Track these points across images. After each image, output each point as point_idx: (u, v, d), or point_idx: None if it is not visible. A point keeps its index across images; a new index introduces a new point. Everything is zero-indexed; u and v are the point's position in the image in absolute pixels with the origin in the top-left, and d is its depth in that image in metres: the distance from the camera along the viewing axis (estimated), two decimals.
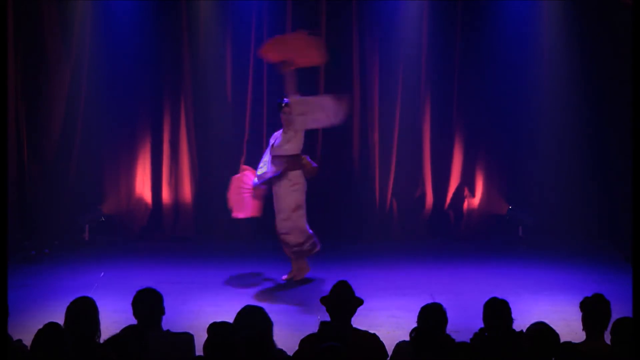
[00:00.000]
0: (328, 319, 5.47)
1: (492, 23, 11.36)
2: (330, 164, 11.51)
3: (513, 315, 5.30)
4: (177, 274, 9.60)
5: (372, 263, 10.24)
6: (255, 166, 9.51)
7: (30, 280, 9.31)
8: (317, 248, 9.32)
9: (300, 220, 9.12)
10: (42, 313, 7.61)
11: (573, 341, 5.24)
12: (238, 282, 9.13)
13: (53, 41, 10.92)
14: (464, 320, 6.73)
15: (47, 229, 10.92)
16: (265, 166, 9.20)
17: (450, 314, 5.28)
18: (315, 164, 9.28)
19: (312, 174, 9.22)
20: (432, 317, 5.19)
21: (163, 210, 11.51)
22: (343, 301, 5.49)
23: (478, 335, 5.21)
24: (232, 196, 9.45)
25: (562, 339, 5.03)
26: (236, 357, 4.67)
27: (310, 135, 11.46)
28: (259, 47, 11.31)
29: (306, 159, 9.18)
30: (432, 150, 11.64)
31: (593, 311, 5.27)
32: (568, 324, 7.09)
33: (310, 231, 9.24)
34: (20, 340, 5.18)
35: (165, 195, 11.51)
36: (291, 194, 9.06)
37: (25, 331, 5.84)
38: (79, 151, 11.22)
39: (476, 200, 11.62)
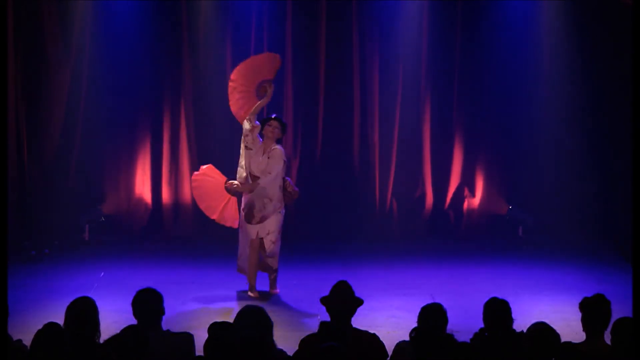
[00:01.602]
0: (328, 319, 5.47)
1: (492, 23, 11.36)
2: (330, 164, 11.52)
3: (513, 315, 5.30)
4: (177, 274, 9.60)
5: (372, 263, 10.24)
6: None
7: (30, 280, 9.31)
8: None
9: (280, 245, 8.72)
10: (42, 313, 7.61)
11: (573, 341, 5.25)
12: (238, 282, 9.13)
13: (53, 41, 10.92)
14: (464, 320, 6.74)
15: (47, 229, 10.92)
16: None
17: (450, 314, 5.28)
18: (296, 188, 8.83)
19: (293, 197, 8.77)
20: (432, 317, 5.19)
21: (163, 210, 11.51)
22: (343, 301, 5.49)
23: (478, 335, 5.21)
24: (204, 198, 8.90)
25: (562, 339, 5.04)
26: (236, 357, 4.66)
27: (310, 136, 11.51)
28: (259, 46, 11.39)
29: (287, 181, 8.72)
30: (432, 150, 11.64)
31: (593, 311, 5.27)
32: (568, 324, 7.09)
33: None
34: (20, 340, 5.18)
35: (165, 195, 11.51)
36: (278, 216, 8.63)
37: (25, 331, 5.83)
38: (79, 151, 11.22)
39: (476, 200, 11.63)
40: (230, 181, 8.70)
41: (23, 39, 10.78)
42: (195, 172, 9.00)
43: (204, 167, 8.95)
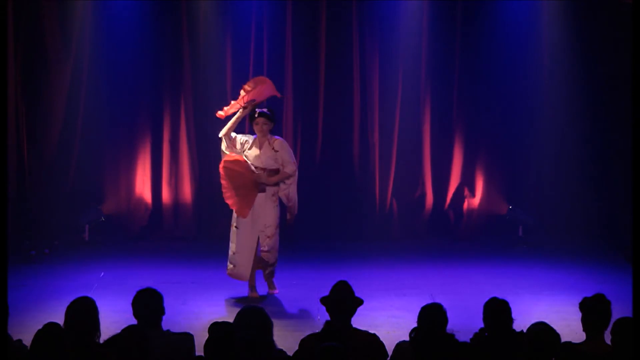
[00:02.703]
0: (328, 319, 5.47)
1: (492, 23, 11.35)
2: (330, 164, 11.51)
3: (513, 315, 5.30)
4: (177, 274, 9.60)
5: (372, 263, 10.24)
6: None
7: (30, 280, 9.31)
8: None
9: (278, 239, 8.70)
10: (42, 313, 7.61)
11: (573, 341, 5.24)
12: (238, 282, 9.13)
13: (53, 41, 10.91)
14: (464, 320, 6.73)
15: (47, 229, 10.92)
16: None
17: (450, 314, 5.28)
18: None
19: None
20: (432, 317, 5.19)
21: (163, 210, 11.50)
22: (343, 301, 5.49)
23: (478, 335, 5.22)
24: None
25: (562, 339, 5.03)
26: (236, 357, 4.67)
27: (310, 136, 11.51)
28: (259, 46, 11.39)
29: None
30: (432, 150, 11.63)
31: (593, 311, 5.27)
32: (568, 324, 7.09)
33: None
34: (20, 340, 5.18)
35: (165, 195, 11.50)
36: (274, 210, 8.64)
37: (25, 331, 5.84)
38: (79, 151, 11.22)
39: (476, 200, 11.62)
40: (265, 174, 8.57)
41: (23, 39, 10.77)
42: (226, 160, 8.73)
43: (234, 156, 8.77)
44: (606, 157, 11.24)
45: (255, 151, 8.62)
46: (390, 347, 5.38)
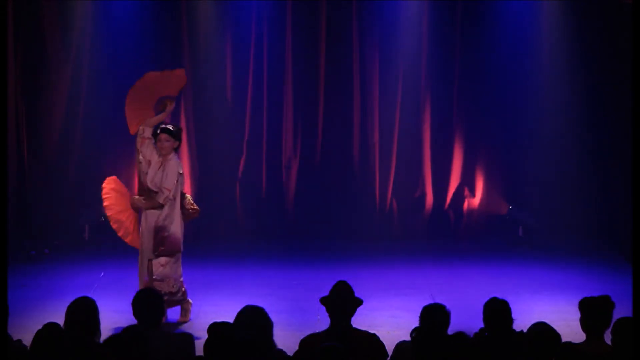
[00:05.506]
0: (328, 319, 5.47)
1: (492, 23, 11.36)
2: (330, 164, 11.52)
3: (513, 315, 5.30)
4: None
5: (372, 263, 10.24)
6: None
7: (30, 280, 9.31)
8: (188, 300, 7.97)
9: (178, 268, 7.85)
10: (42, 313, 7.61)
11: (573, 341, 5.24)
12: (238, 282, 9.13)
13: (53, 41, 10.92)
14: (464, 320, 6.73)
15: (47, 229, 10.92)
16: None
17: (450, 314, 5.28)
18: (196, 206, 7.99)
19: (192, 216, 7.98)
20: (434, 317, 5.19)
21: None
22: (343, 301, 5.48)
23: (478, 335, 5.21)
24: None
25: (563, 339, 5.03)
26: (236, 357, 4.66)
27: (311, 135, 11.50)
28: (259, 46, 11.38)
29: (188, 198, 7.99)
30: (432, 150, 11.64)
31: (596, 312, 5.26)
32: (568, 324, 7.08)
33: (182, 280, 7.92)
34: (20, 340, 5.18)
35: None
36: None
37: (25, 331, 5.83)
38: (79, 151, 11.22)
39: (476, 200, 11.63)
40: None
41: (23, 39, 10.77)
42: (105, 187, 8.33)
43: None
44: (606, 157, 11.24)
45: (152, 170, 7.89)
46: (390, 347, 5.37)
